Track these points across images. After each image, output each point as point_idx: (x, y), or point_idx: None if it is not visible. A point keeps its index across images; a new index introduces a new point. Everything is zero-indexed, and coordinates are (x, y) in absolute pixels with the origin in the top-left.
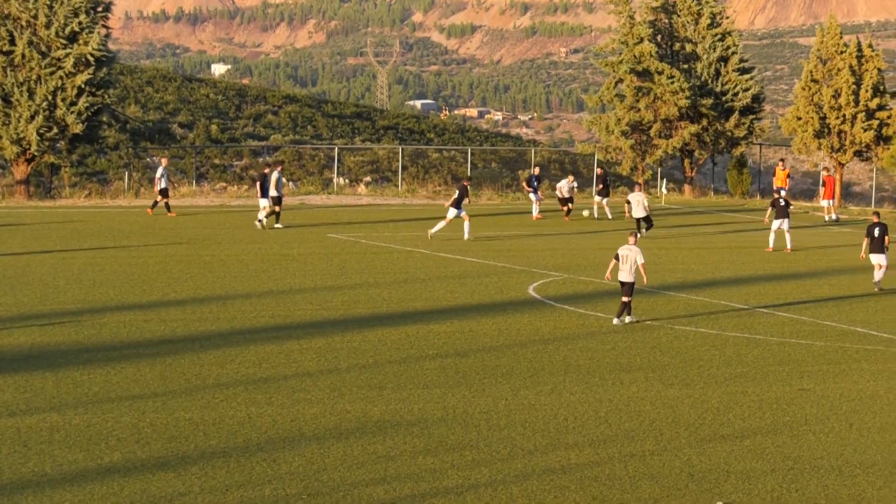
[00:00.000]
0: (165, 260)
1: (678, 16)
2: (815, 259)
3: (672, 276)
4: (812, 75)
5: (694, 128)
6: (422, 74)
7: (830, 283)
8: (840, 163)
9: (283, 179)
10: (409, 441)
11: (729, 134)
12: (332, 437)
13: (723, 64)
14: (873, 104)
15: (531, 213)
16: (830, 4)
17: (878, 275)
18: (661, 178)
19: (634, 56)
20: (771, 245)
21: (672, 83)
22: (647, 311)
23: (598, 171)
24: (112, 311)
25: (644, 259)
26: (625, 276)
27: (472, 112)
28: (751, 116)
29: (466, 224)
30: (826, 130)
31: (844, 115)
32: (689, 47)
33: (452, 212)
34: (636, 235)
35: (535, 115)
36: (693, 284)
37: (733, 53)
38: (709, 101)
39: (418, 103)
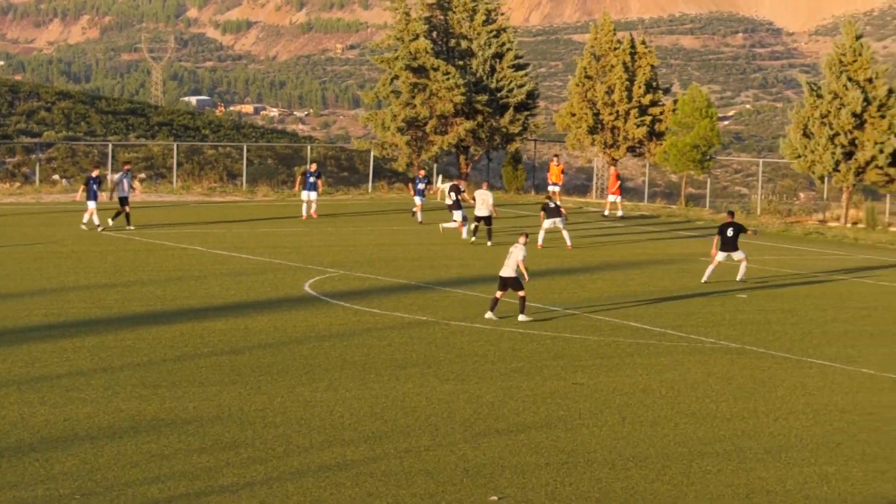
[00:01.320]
0: None
1: (453, 12)
2: (589, 254)
3: (447, 272)
4: (586, 72)
5: (469, 124)
6: (197, 70)
7: (604, 278)
8: (613, 158)
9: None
10: (184, 439)
11: (504, 130)
12: (105, 436)
13: (498, 60)
14: (646, 100)
15: (303, 210)
16: (604, 1)
17: (740, 271)
18: (437, 174)
19: (410, 52)
20: (540, 242)
21: (447, 79)
22: (422, 308)
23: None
24: None
25: (524, 257)
26: (506, 271)
27: (248, 108)
28: (525, 113)
29: (452, 224)
30: (600, 126)
31: (618, 112)
32: (464, 44)
33: (458, 213)
34: (526, 236)
35: (312, 111)
36: (469, 280)
37: (508, 50)
38: (484, 98)
39: (193, 99)
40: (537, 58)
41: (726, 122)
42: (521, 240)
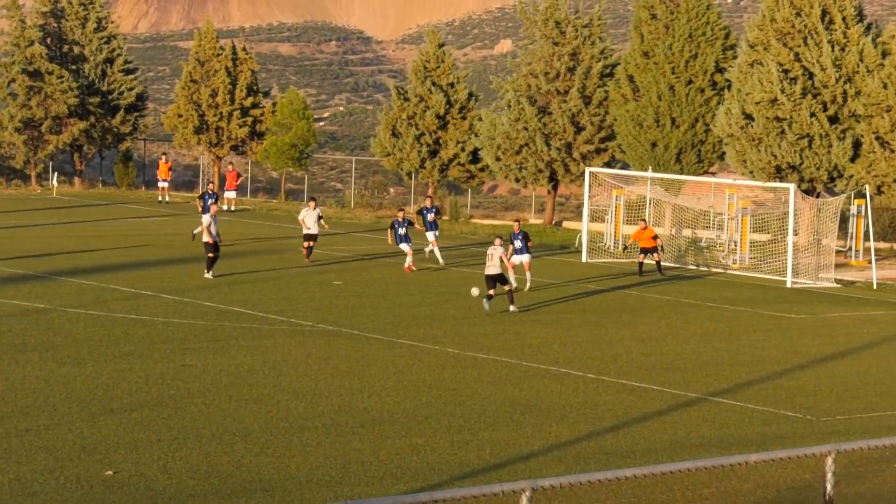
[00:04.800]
0: None
1: (67, 20)
2: (196, 245)
3: (64, 262)
4: (191, 76)
5: (83, 124)
6: None
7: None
8: (218, 157)
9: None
10: None
11: (115, 130)
12: None
13: (109, 65)
14: (248, 102)
15: None
16: (207, 10)
17: (527, 275)
18: (53, 171)
19: (26, 57)
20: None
21: (62, 83)
22: (40, 296)
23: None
24: None
25: (504, 252)
26: (491, 270)
27: None
28: (135, 114)
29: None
30: (205, 127)
31: (222, 113)
32: (77, 49)
33: (430, 234)
34: (500, 237)
35: None
36: (84, 270)
37: (118, 55)
38: (96, 100)
39: None
40: (146, 63)
41: (322, 123)
42: (497, 241)
